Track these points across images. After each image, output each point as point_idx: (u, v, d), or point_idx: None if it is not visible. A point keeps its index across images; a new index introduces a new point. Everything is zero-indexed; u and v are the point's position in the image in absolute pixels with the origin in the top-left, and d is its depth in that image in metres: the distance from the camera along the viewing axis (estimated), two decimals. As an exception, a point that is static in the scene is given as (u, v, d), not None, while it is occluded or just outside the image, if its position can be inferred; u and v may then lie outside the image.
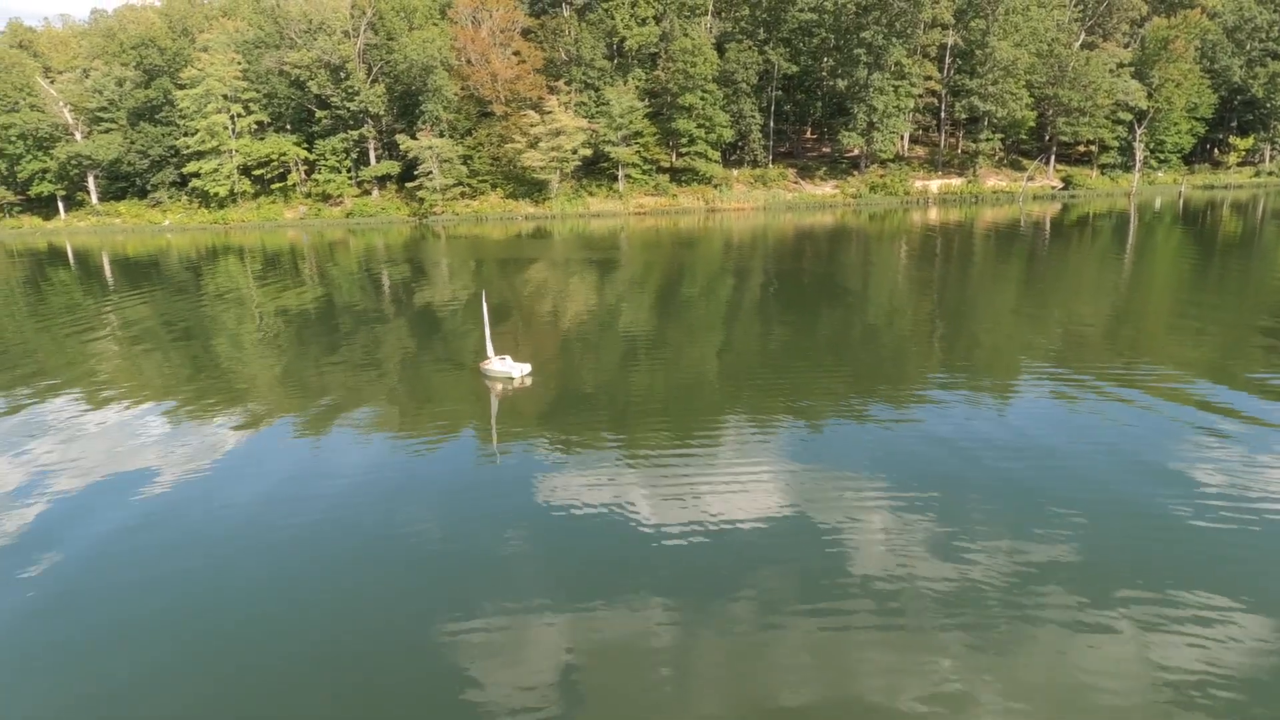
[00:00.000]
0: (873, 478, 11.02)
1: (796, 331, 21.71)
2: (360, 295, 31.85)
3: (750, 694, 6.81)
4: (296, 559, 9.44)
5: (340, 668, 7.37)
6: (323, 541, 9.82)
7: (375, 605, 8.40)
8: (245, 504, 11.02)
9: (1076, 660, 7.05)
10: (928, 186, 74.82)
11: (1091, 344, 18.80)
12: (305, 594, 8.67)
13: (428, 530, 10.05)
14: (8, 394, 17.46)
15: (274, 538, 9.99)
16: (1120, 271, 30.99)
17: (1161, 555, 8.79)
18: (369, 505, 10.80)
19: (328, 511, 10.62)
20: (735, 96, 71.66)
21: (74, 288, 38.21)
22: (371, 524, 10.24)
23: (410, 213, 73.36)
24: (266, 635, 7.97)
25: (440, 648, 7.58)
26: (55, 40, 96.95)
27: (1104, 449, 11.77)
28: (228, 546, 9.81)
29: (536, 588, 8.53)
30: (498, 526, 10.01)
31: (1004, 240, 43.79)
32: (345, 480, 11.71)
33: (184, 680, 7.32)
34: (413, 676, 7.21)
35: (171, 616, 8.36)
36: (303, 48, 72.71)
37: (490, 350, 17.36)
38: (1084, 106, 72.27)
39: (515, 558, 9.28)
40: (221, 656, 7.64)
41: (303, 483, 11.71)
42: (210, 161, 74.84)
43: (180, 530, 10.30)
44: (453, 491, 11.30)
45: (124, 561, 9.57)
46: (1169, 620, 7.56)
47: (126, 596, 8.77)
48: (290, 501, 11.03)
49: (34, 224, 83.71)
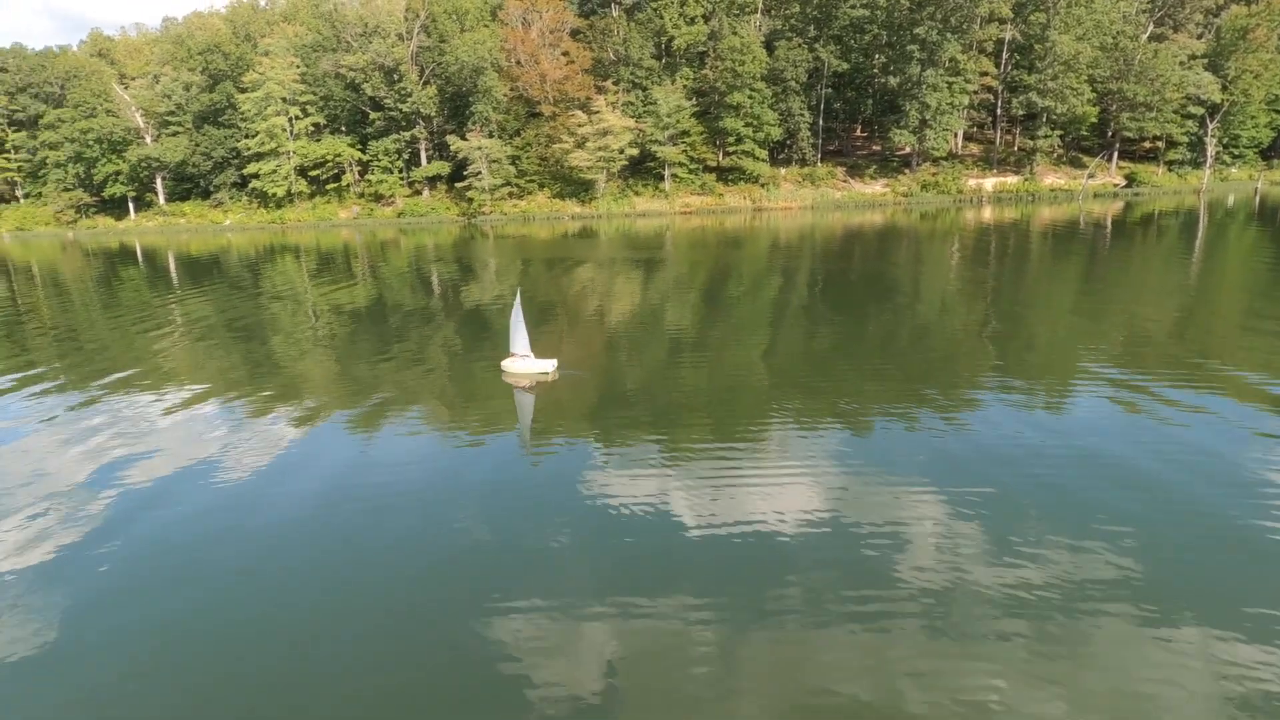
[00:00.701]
0: (922, 481, 10.80)
1: (843, 332, 21.41)
2: (410, 294, 32.46)
3: (792, 696, 6.74)
4: (344, 551, 9.66)
5: (383, 658, 7.53)
6: (369, 534, 10.03)
7: (419, 597, 8.55)
8: (300, 496, 11.33)
9: (1137, 673, 6.80)
10: (982, 185, 73.06)
11: (1155, 347, 18.12)
12: (350, 585, 8.87)
13: (472, 526, 10.19)
14: (81, 387, 18.26)
15: (323, 530, 10.24)
16: (1187, 272, 29.79)
17: (1227, 566, 8.42)
18: (415, 499, 11.00)
19: (375, 505, 10.85)
20: (784, 95, 71.03)
21: (142, 285, 39.77)
22: (416, 518, 10.43)
23: (459, 212, 74.55)
24: (314, 624, 8.17)
25: (483, 641, 7.68)
26: (130, 48, 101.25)
27: (1166, 456, 11.33)
28: (281, 536, 10.10)
29: (579, 584, 8.59)
30: (541, 522, 10.11)
31: (1062, 239, 42.50)
32: (392, 475, 11.95)
33: (233, 667, 7.57)
34: (455, 668, 7.33)
35: (221, 603, 8.64)
36: (358, 51, 74.47)
37: (519, 348, 16.99)
38: (1151, 101, 69.61)
39: (558, 553, 9.35)
40: (271, 643, 7.87)
41: (353, 476, 11.99)
42: (269, 163, 77.23)
43: (234, 520, 10.63)
44: (497, 487, 11.44)
45: (181, 548, 9.92)
46: (1236, 633, 7.24)
47: (181, 583, 9.09)
48: (340, 494, 11.30)
49: (107, 224, 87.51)
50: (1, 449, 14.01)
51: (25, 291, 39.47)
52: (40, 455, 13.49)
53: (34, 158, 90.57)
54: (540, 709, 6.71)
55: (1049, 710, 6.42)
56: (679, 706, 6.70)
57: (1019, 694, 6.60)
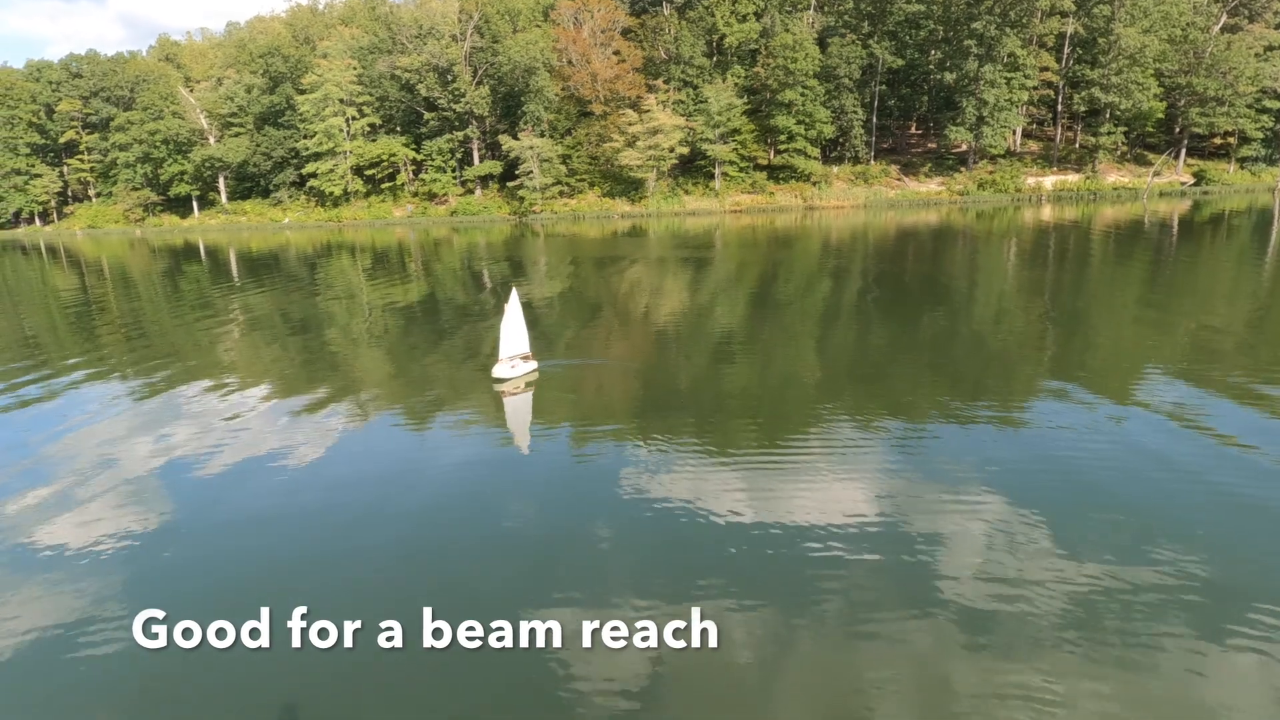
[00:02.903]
0: (974, 488, 10.55)
1: (896, 334, 21.03)
2: (462, 291, 32.96)
3: (832, 699, 6.66)
4: (391, 546, 9.84)
5: (423, 652, 7.66)
6: (413, 529, 10.21)
7: (463, 592, 8.68)
8: (348, 489, 11.60)
9: (1193, 686, 6.54)
10: (1041, 183, 70.92)
11: (1223, 353, 17.39)
12: (396, 580, 9.04)
13: (515, 524, 10.31)
14: (146, 379, 19.00)
15: (373, 520, 10.46)
16: (1259, 276, 28.48)
17: (1300, 585, 8.05)
18: (462, 495, 11.17)
19: (423, 501, 11.05)
20: (837, 92, 69.98)
21: (204, 281, 41.19)
22: (463, 514, 10.58)
23: (510, 211, 75.35)
24: (360, 614, 8.35)
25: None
26: (196, 52, 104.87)
27: (1231, 469, 10.86)
28: (330, 529, 10.34)
29: (621, 582, 8.61)
30: (585, 521, 10.16)
31: (1125, 240, 41.05)
32: (442, 469, 12.15)
33: (276, 657, 7.79)
34: (494, 664, 7.42)
35: (270, 594, 8.90)
36: (413, 52, 75.81)
37: (506, 352, 15.91)
38: (1223, 95, 66.60)
39: (601, 552, 9.40)
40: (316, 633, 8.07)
41: (403, 470, 12.23)
42: (326, 162, 79.16)
43: (286, 510, 10.94)
44: (541, 485, 11.54)
45: (235, 538, 10.24)
46: (1307, 656, 6.92)
47: (234, 565, 9.39)
48: (390, 489, 11.54)
49: (173, 222, 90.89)
50: (74, 433, 14.65)
51: (96, 286, 41.23)
52: (109, 440, 14.08)
53: (105, 159, 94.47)
54: (577, 704, 6.75)
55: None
56: (716, 706, 6.67)
57: (1069, 705, 6.41)
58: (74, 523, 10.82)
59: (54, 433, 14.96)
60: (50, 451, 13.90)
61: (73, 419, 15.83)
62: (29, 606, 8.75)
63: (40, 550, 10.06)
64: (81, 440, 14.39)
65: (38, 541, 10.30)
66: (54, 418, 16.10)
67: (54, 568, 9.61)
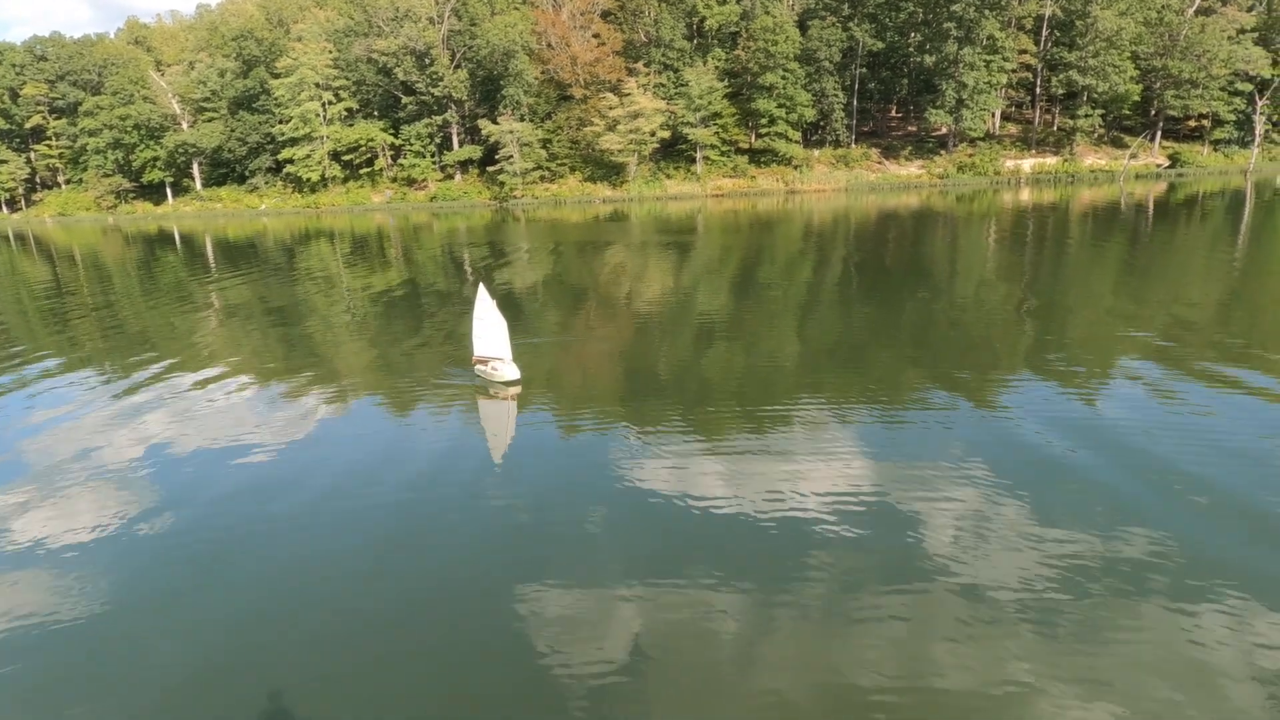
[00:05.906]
0: (956, 467, 10.68)
1: (876, 317, 21.17)
2: (442, 277, 32.72)
3: (818, 677, 6.75)
4: (375, 532, 9.81)
5: (415, 634, 7.67)
6: (400, 515, 10.18)
7: (449, 576, 8.69)
8: (332, 476, 11.53)
9: (1172, 660, 6.70)
10: (1020, 166, 71.46)
11: (1197, 333, 17.67)
12: (382, 564, 9.02)
13: (503, 507, 10.31)
14: (124, 371, 18.73)
15: (357, 510, 10.41)
16: (1232, 255, 28.92)
17: (1268, 552, 8.23)
18: (447, 481, 11.14)
19: (406, 486, 11.01)
20: (817, 75, 69.96)
21: (180, 269, 40.59)
22: (448, 499, 10.56)
23: (491, 196, 74.80)
24: (347, 600, 8.34)
25: (512, 618, 7.78)
26: (166, 35, 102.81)
27: (1206, 444, 11.06)
28: (313, 516, 10.28)
29: (608, 565, 8.64)
30: (571, 504, 10.18)
31: (1102, 222, 41.49)
32: (424, 456, 12.10)
33: (265, 639, 7.76)
34: (485, 644, 7.45)
35: (259, 578, 8.86)
36: (390, 35, 74.76)
37: (493, 350, 15.15)
38: (1196, 78, 67.27)
39: (588, 535, 9.42)
40: (306, 618, 8.05)
41: (384, 457, 12.17)
42: (303, 148, 78.08)
43: (272, 498, 10.86)
44: (527, 469, 11.55)
45: (218, 526, 10.16)
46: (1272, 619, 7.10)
47: (218, 558, 9.33)
48: (372, 475, 11.48)
49: (146, 209, 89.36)
50: (50, 428, 14.44)
51: (68, 275, 40.52)
52: (85, 434, 13.88)
53: (74, 144, 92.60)
54: (568, 685, 6.79)
55: (1080, 693, 6.36)
56: (704, 685, 6.74)
57: (1050, 681, 6.54)
58: (49, 515, 10.69)
59: (30, 425, 14.76)
60: (26, 444, 13.71)
61: (48, 409, 15.60)
62: (2, 597, 8.65)
63: (16, 542, 9.93)
64: (58, 432, 14.19)
65: (14, 533, 10.17)
66: (27, 408, 15.87)
67: (30, 562, 9.50)
